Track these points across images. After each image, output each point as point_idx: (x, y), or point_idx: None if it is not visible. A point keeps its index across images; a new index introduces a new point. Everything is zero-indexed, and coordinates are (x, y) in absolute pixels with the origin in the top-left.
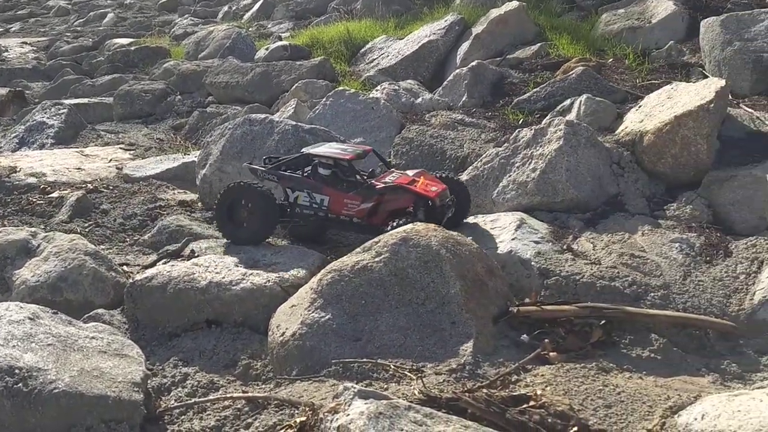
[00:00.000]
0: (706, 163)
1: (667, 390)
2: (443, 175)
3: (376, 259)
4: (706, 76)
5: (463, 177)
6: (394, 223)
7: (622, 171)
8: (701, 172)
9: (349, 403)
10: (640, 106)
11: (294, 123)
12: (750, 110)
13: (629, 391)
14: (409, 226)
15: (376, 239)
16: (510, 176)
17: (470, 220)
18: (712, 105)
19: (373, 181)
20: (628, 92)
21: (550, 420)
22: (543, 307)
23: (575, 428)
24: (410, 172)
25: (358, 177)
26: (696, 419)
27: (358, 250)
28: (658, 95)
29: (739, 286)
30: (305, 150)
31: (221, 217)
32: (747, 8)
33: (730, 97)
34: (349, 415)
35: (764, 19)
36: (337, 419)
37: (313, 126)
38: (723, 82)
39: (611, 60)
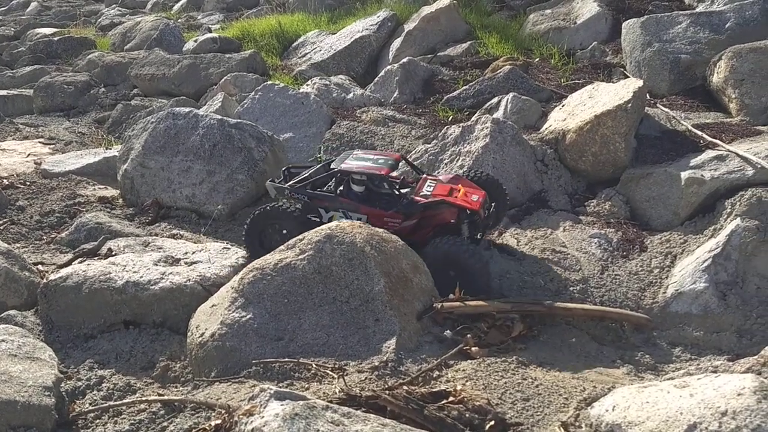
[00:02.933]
0: (624, 161)
1: (582, 382)
2: (476, 175)
3: (300, 257)
4: (627, 77)
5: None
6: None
7: (546, 168)
8: (620, 170)
9: (264, 405)
10: (563, 105)
11: (220, 117)
12: (666, 110)
13: (547, 383)
14: (334, 223)
15: (300, 236)
16: (438, 173)
17: None
18: (630, 105)
19: (412, 196)
20: (553, 91)
21: (468, 415)
22: (466, 302)
23: (492, 422)
24: (444, 178)
25: (393, 189)
26: (607, 411)
27: (281, 248)
28: (581, 95)
29: (654, 279)
30: (335, 165)
31: (252, 242)
32: (667, 10)
33: (648, 96)
34: (263, 417)
35: (682, 21)
36: (251, 422)
37: (239, 121)
38: (641, 83)
39: (538, 59)
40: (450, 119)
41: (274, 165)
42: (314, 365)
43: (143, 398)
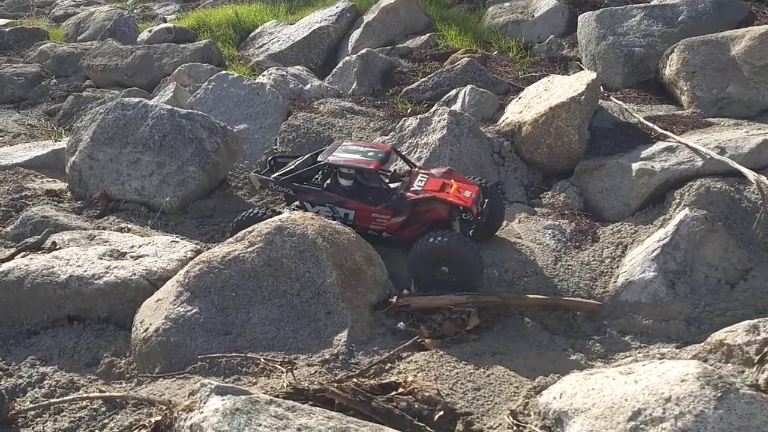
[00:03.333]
0: (578, 153)
1: (534, 371)
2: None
3: (249, 250)
4: (583, 70)
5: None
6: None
7: (503, 160)
8: (574, 162)
9: (205, 400)
10: (520, 98)
11: (169, 107)
12: (619, 102)
13: (498, 373)
14: (285, 214)
15: (249, 228)
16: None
17: None
18: (583, 97)
19: (402, 192)
20: (510, 84)
21: (417, 406)
22: (420, 297)
23: (441, 413)
24: (436, 172)
25: (382, 184)
26: (555, 398)
27: (230, 240)
28: (536, 87)
29: (605, 269)
30: (322, 158)
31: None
32: (622, 3)
33: (602, 89)
34: (203, 412)
35: (636, 14)
36: (190, 418)
37: (190, 111)
38: (594, 75)
39: (496, 52)
40: (408, 111)
41: (227, 157)
42: (262, 359)
43: (84, 395)
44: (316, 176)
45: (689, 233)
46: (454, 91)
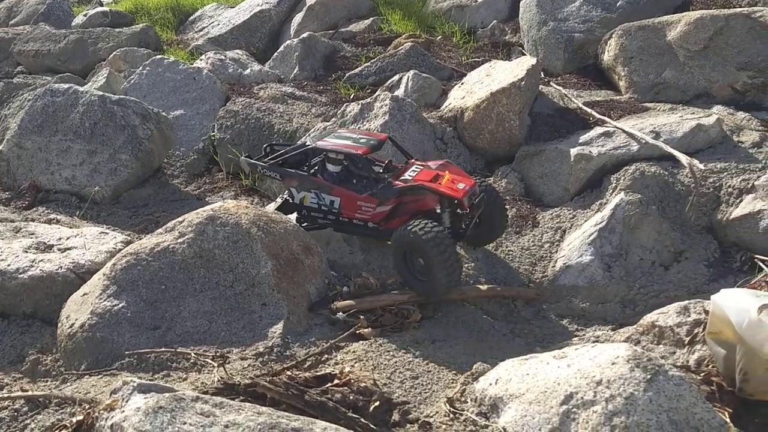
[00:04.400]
0: (518, 139)
1: (473, 357)
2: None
3: (179, 240)
4: (525, 55)
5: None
6: (418, 228)
7: (446, 146)
8: (515, 147)
9: (127, 398)
10: (462, 84)
11: (101, 94)
12: (559, 88)
13: (437, 361)
14: (218, 203)
15: (180, 218)
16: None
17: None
18: (524, 82)
19: (390, 180)
20: (453, 69)
21: (352, 397)
22: (363, 298)
23: (377, 403)
24: (433, 165)
25: (372, 173)
26: (491, 384)
27: (159, 231)
28: (479, 73)
29: (544, 254)
30: (310, 142)
31: None
32: None
33: (543, 75)
34: (124, 411)
35: None
36: (111, 417)
37: (122, 97)
38: (534, 60)
39: (440, 37)
40: (351, 97)
41: (162, 144)
42: (193, 354)
43: (6, 395)
44: (308, 163)
45: (624, 217)
46: (397, 77)
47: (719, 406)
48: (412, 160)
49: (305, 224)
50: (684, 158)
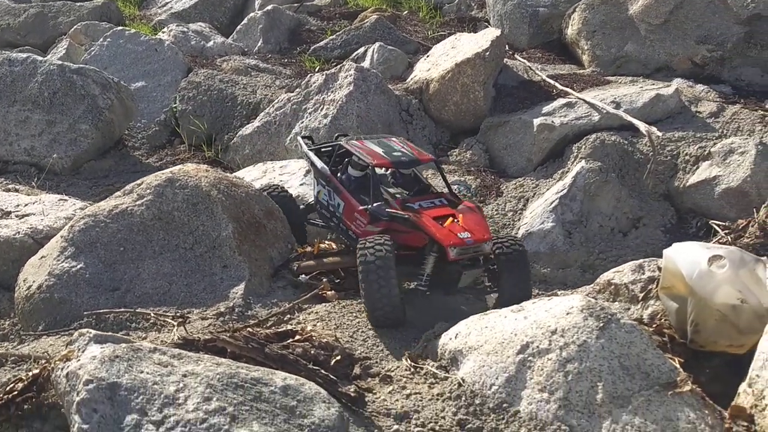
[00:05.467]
0: (483, 110)
1: (435, 319)
2: (503, 239)
3: (138, 203)
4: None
5: (255, 124)
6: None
7: (411, 118)
8: (480, 119)
9: (83, 349)
10: (428, 56)
11: (60, 63)
12: (524, 61)
13: None
14: (178, 166)
15: (138, 181)
16: (302, 122)
17: (260, 166)
18: (488, 53)
19: (394, 202)
20: (420, 43)
21: (313, 352)
22: (324, 260)
23: (339, 357)
24: (464, 205)
25: (392, 190)
26: (450, 339)
27: (117, 193)
28: (444, 45)
29: (507, 222)
30: (343, 140)
31: None
32: None
33: (508, 49)
34: (80, 360)
35: None
36: (67, 366)
37: (82, 66)
38: (498, 32)
39: (406, 12)
40: (316, 69)
41: (123, 115)
42: (153, 314)
43: None
44: (333, 159)
45: (585, 185)
46: (362, 49)
47: (671, 356)
48: (446, 193)
49: (316, 220)
50: (642, 126)
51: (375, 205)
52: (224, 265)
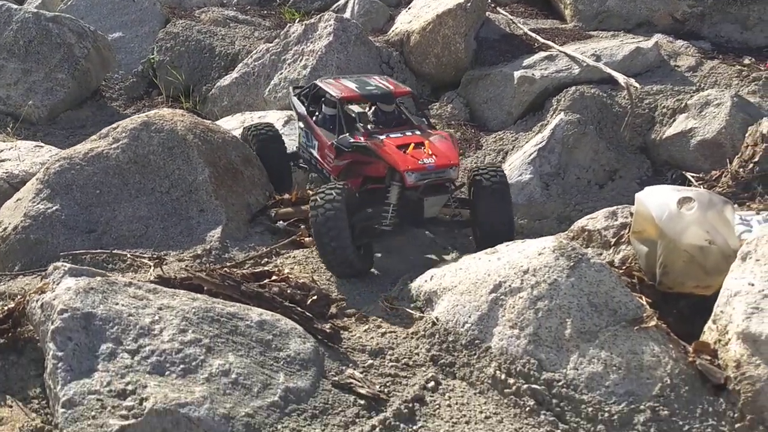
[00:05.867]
0: (464, 63)
1: (411, 266)
2: (489, 174)
3: (114, 146)
4: None
5: (234, 75)
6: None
7: (392, 71)
8: (461, 72)
9: (58, 281)
10: (409, 8)
11: (35, 11)
12: (506, 14)
13: (377, 268)
14: (153, 111)
15: (114, 125)
16: (281, 74)
17: (238, 116)
18: (469, 4)
19: (357, 134)
20: None
21: (289, 291)
22: (302, 207)
23: (315, 297)
24: (434, 133)
25: (364, 124)
26: (426, 281)
27: (93, 137)
28: None
29: None
30: (319, 80)
31: None
32: None
33: (491, 2)
34: (55, 291)
35: None
36: (42, 298)
37: (57, 14)
38: None
39: None
40: (297, 21)
41: (99, 64)
42: (129, 255)
43: None
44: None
45: (563, 137)
46: (342, 0)
47: (639, 295)
48: (419, 123)
49: (301, 164)
50: (621, 78)
51: (340, 137)
52: (201, 209)
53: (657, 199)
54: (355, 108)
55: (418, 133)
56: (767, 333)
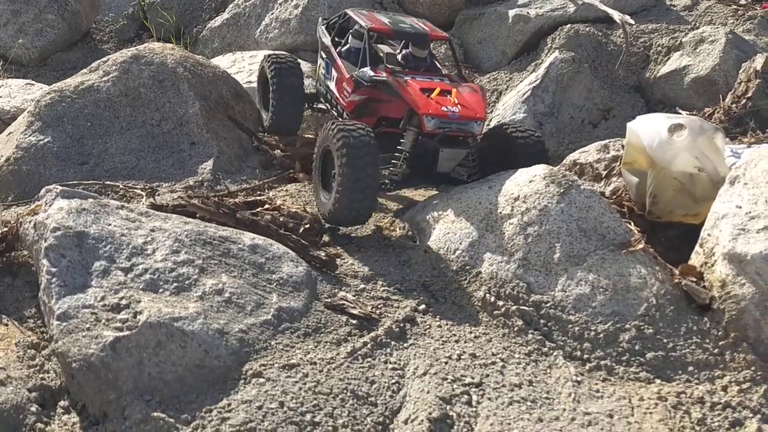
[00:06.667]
0: (458, 2)
1: (403, 201)
2: (517, 128)
3: (104, 79)
4: None
5: (224, 16)
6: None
7: (385, 10)
8: (455, 12)
9: (50, 203)
10: None
11: None
12: None
13: None
14: (144, 44)
15: (104, 58)
16: (273, 14)
17: (229, 56)
18: None
19: (379, 70)
20: None
21: (282, 219)
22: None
23: (308, 225)
24: (465, 84)
25: (374, 55)
26: (418, 211)
27: (83, 70)
28: None
29: None
30: (350, 9)
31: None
32: None
33: None
34: (47, 212)
35: None
36: (35, 218)
37: None
38: None
39: None
40: None
41: (89, 5)
42: (122, 186)
43: None
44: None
45: (558, 75)
46: None
47: (627, 221)
48: (448, 72)
49: (318, 105)
50: (617, 15)
51: (361, 69)
52: (192, 142)
53: (648, 127)
54: (385, 48)
55: (447, 81)
56: (753, 253)
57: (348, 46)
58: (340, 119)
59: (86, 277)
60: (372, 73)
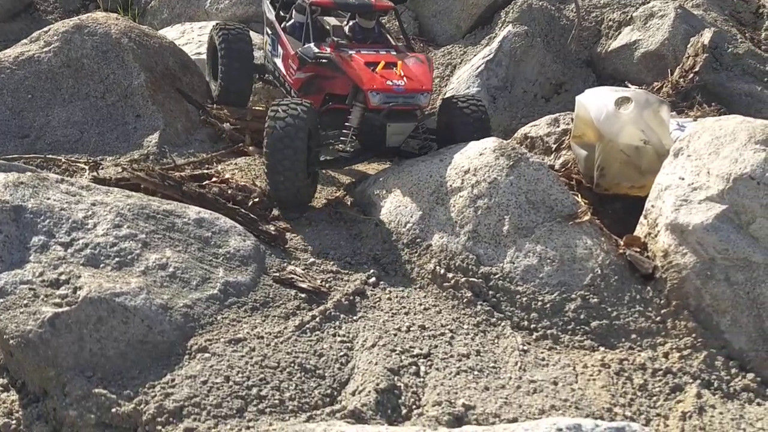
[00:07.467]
0: None
1: (355, 174)
2: (459, 99)
3: (45, 50)
4: None
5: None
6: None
7: None
8: None
9: None
10: None
11: None
12: None
13: (324, 177)
14: (86, 14)
15: (45, 28)
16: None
17: (178, 26)
18: None
19: (322, 45)
20: None
21: (231, 192)
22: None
23: (257, 199)
24: (411, 56)
25: (338, 39)
26: (369, 185)
27: (23, 41)
28: None
29: (434, 89)
30: None
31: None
32: None
33: None
34: None
35: None
36: None
37: None
38: None
39: None
40: None
41: None
42: (64, 160)
43: None
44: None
45: (511, 49)
46: None
47: (575, 193)
48: (396, 44)
49: (261, 76)
50: None
51: (305, 47)
52: (137, 114)
53: (596, 101)
54: (331, 20)
55: (393, 53)
56: (694, 223)
57: (292, 21)
58: (289, 96)
59: (24, 252)
60: (316, 50)
